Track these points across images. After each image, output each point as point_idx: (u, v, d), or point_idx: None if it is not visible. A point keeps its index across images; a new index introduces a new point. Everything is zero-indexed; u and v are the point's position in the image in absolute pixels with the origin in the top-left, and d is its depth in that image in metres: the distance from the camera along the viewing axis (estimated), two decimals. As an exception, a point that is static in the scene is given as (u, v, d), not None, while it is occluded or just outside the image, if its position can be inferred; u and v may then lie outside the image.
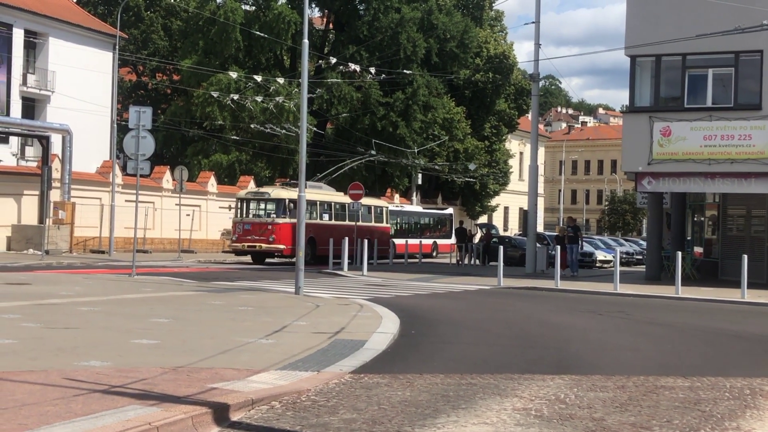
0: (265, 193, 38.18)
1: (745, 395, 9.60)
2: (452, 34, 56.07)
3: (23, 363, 9.39)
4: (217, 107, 47.26)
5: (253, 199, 38.09)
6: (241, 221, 37.31)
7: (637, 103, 29.89)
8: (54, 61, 47.60)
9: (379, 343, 12.19)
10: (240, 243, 37.12)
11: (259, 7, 52.80)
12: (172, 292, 19.98)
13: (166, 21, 61.82)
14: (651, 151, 28.82)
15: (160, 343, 11.27)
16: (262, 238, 36.41)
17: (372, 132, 51.21)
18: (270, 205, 37.65)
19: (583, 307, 20.36)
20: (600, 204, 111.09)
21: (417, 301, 20.34)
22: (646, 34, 28.66)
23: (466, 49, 58.31)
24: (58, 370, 9.00)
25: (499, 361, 11.69)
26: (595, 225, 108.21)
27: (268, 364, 9.89)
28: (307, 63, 21.74)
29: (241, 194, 39.00)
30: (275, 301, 18.13)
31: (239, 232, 37.07)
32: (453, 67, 57.79)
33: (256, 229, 36.67)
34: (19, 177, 39.79)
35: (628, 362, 11.99)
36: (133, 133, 23.40)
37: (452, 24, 56.05)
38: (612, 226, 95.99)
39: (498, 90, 66.84)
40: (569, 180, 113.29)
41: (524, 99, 69.38)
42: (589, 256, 44.06)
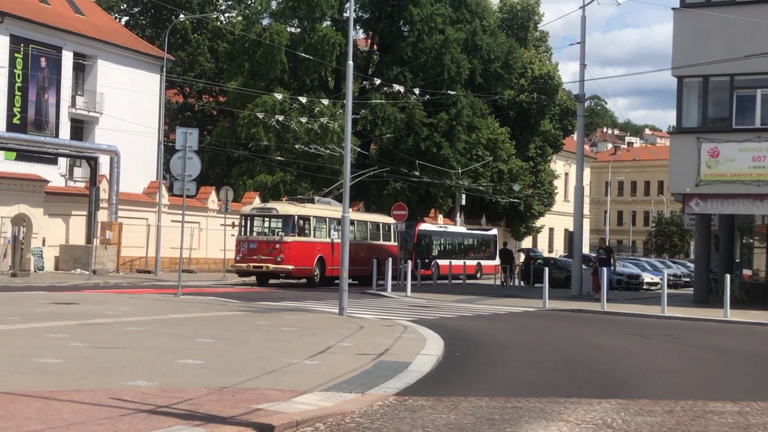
0: (271, 209, 36.01)
1: (796, 421, 9.42)
2: (496, 55, 56.00)
3: (71, 382, 9.50)
4: (263, 128, 47.50)
5: (259, 216, 35.90)
6: (246, 239, 34.99)
7: (685, 124, 29.62)
8: (102, 83, 48.21)
9: (424, 365, 12.15)
10: (245, 263, 34.66)
11: (304, 29, 53.13)
12: (217, 312, 20.11)
13: (212, 43, 62.49)
14: (699, 173, 28.52)
15: (205, 364, 11.33)
16: (269, 258, 34.12)
17: (416, 152, 51.18)
18: (277, 222, 35.35)
19: (630, 330, 20.16)
20: (647, 225, 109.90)
21: (461, 323, 20.27)
22: (694, 55, 28.43)
23: (511, 70, 58.18)
24: (105, 390, 9.08)
25: (545, 384, 11.59)
26: (642, 247, 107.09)
27: (313, 386, 9.90)
28: (352, 84, 21.84)
29: (245, 210, 36.73)
30: (319, 322, 18.16)
31: (243, 251, 34.72)
32: (497, 87, 57.69)
33: (262, 248, 34.41)
34: (68, 197, 40.36)
35: (675, 386, 11.83)
36: (179, 154, 23.64)
37: (496, 45, 55.98)
38: (659, 247, 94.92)
39: (543, 110, 66.63)
40: (615, 201, 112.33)
41: (569, 119, 69.08)
42: (636, 278, 43.64)
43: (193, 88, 62.71)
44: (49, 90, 45.96)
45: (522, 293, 34.67)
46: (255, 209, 36.45)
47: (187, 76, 59.00)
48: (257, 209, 36.45)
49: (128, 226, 41.13)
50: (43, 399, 8.45)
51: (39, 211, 37.99)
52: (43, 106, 45.51)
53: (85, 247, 38.10)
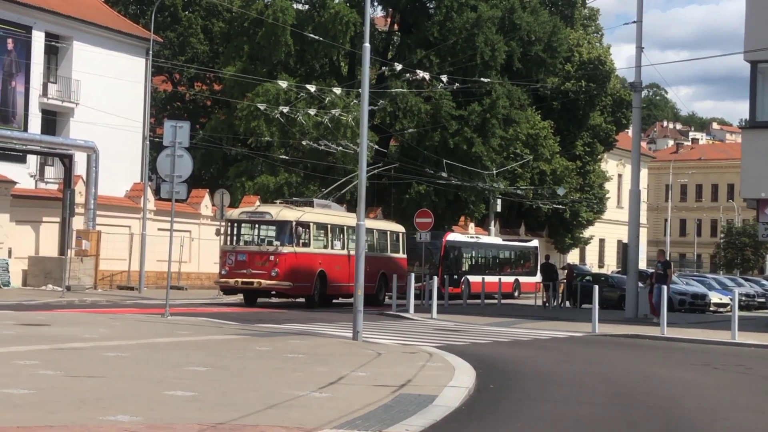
0: (265, 213, 34.64)
1: None
2: (538, 36, 55.94)
3: (41, 417, 9.55)
4: (264, 121, 47.59)
5: (249, 221, 34.62)
6: (234, 250, 33.71)
7: (759, 117, 29.54)
8: (79, 68, 48.38)
9: (452, 399, 12.14)
10: (232, 278, 33.31)
11: (313, 6, 53.22)
12: (212, 335, 20.16)
13: (206, 22, 62.72)
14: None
15: (197, 396, 11.37)
16: (262, 272, 32.81)
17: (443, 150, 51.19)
18: (271, 229, 34.26)
19: (695, 360, 20.11)
20: (714, 236, 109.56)
21: (496, 350, 20.24)
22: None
23: (555, 54, 58.10)
24: (81, 426, 9.13)
25: (595, 422, 11.57)
26: (709, 261, 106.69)
27: (322, 422, 9.91)
28: (369, 70, 21.87)
29: (232, 215, 35.51)
30: (330, 348, 18.18)
31: (230, 264, 33.43)
32: (539, 74, 57.61)
33: (253, 260, 33.17)
34: (38, 201, 40.54)
35: (748, 426, 11.83)
36: (168, 152, 23.74)
37: (538, 24, 55.94)
38: (729, 262, 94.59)
39: (592, 101, 66.52)
40: (677, 208, 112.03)
41: (623, 112, 68.97)
42: (702, 298, 43.52)
43: (183, 75, 62.96)
44: (17, 76, 46.25)
45: (567, 315, 34.62)
46: (245, 213, 35.29)
47: (177, 60, 59.21)
48: (247, 213, 35.25)
49: (108, 235, 41.29)
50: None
51: (4, 217, 38.20)
52: (10, 95, 45.83)
53: (58, 260, 38.26)
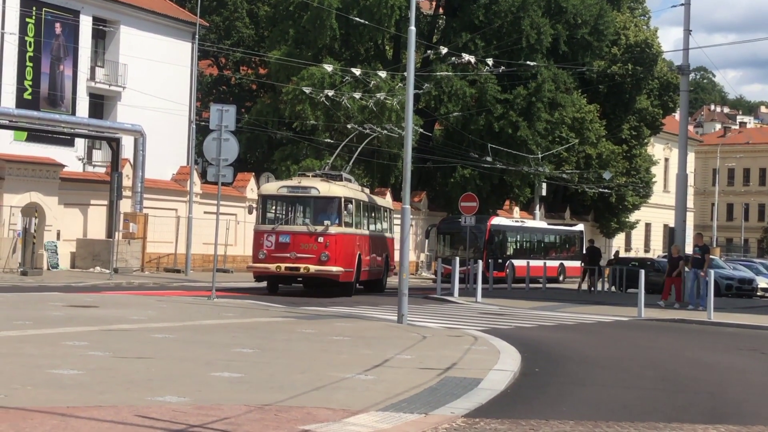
0: (310, 188, 30.58)
1: None
2: (584, 19, 55.55)
3: (91, 397, 9.63)
4: (309, 105, 47.63)
5: (290, 197, 30.76)
6: (273, 230, 29.77)
7: (809, 101, 29.13)
8: (125, 53, 48.62)
9: (497, 383, 12.12)
10: (271, 263, 29.43)
11: (358, -11, 53.15)
12: (258, 318, 20.27)
13: (252, 6, 62.87)
14: (825, 158, 28.07)
15: (244, 377, 11.43)
16: (309, 256, 29.19)
17: (488, 134, 51.04)
18: (317, 206, 30.46)
19: (742, 345, 19.95)
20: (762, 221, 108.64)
21: (541, 334, 20.19)
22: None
23: (601, 37, 57.66)
24: (130, 406, 9.20)
25: (641, 406, 11.51)
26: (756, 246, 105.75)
27: (368, 404, 9.93)
28: (414, 54, 21.82)
29: (268, 189, 31.94)
30: (375, 331, 18.21)
31: (269, 246, 29.54)
32: (585, 57, 57.23)
33: (298, 242, 29.39)
34: (86, 185, 40.90)
35: (797, 411, 11.70)
36: (214, 135, 23.85)
37: (584, 7, 55.53)
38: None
39: (639, 85, 66.01)
40: (724, 192, 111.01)
41: (670, 95, 68.38)
42: (749, 283, 43.13)
43: (229, 59, 63.15)
44: (65, 61, 46.58)
45: (613, 300, 34.44)
46: (285, 188, 30.91)
47: (223, 44, 59.43)
48: (289, 188, 30.83)
49: (155, 218, 41.59)
50: (59, 416, 8.57)
51: (53, 200, 38.52)
52: (58, 80, 46.16)
53: (106, 242, 38.58)
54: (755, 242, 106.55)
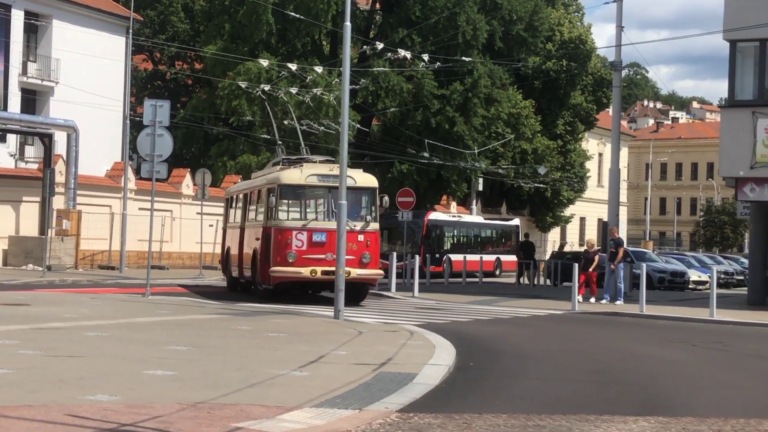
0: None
1: None
2: (519, 15, 55.92)
3: (21, 396, 9.52)
4: (246, 100, 47.47)
5: (321, 187, 25.55)
6: (304, 227, 24.89)
7: (738, 96, 29.65)
8: (58, 47, 48.11)
9: (432, 377, 12.18)
10: (303, 266, 24.51)
11: (295, -16, 53.03)
12: (193, 315, 20.13)
13: (187, 1, 62.42)
14: (754, 153, 28.55)
15: (177, 375, 11.36)
16: (350, 258, 23.43)
17: (425, 129, 51.18)
18: (352, 198, 24.42)
19: (674, 337, 20.22)
20: (694, 215, 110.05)
21: (477, 328, 20.30)
22: (750, 15, 28.42)
23: (536, 33, 58.09)
24: (60, 405, 9.10)
25: (574, 399, 11.63)
26: (688, 239, 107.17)
27: (302, 401, 9.92)
28: (350, 49, 21.81)
29: (293, 177, 25.70)
30: (311, 327, 18.19)
31: (298, 246, 24.63)
32: (520, 53, 57.58)
33: (334, 241, 22.70)
34: (18, 181, 40.34)
35: (726, 402, 11.90)
36: (148, 131, 23.64)
37: (519, 3, 55.88)
38: (708, 241, 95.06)
39: (573, 80, 66.56)
40: (657, 186, 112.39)
41: (604, 91, 69.01)
42: (681, 276, 43.72)
43: (164, 54, 62.65)
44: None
45: (548, 294, 34.72)
46: (315, 176, 25.44)
47: (158, 39, 58.95)
48: (319, 176, 25.43)
49: (88, 215, 41.14)
50: (-12, 415, 8.47)
51: (-16, 197, 38.02)
52: (-11, 75, 45.47)
53: (38, 239, 38.10)
54: (687, 236, 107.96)
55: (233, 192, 33.21)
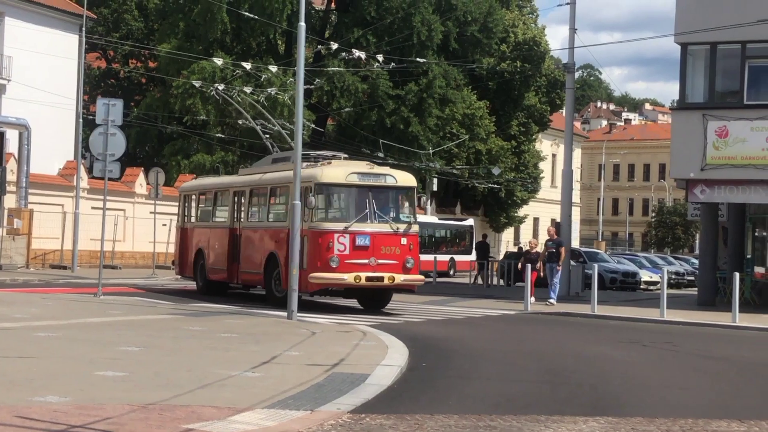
0: (384, 176, 23.98)
1: (811, 443, 9.59)
2: (474, 17, 56.12)
3: (-31, 398, 9.43)
4: (200, 99, 47.27)
5: (362, 187, 23.35)
6: (346, 230, 22.72)
7: (689, 99, 29.94)
8: (10, 44, 47.60)
9: (384, 378, 12.19)
10: (346, 271, 22.49)
11: (249, -17, 52.92)
12: (145, 315, 20.01)
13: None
14: (705, 155, 28.81)
15: (128, 376, 11.30)
16: (393, 263, 22.74)
17: (380, 130, 51.22)
18: (392, 199, 23.95)
19: (624, 337, 20.33)
20: (646, 215, 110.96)
21: (430, 329, 20.32)
22: (701, 19, 28.68)
23: (491, 34, 58.29)
24: (9, 407, 9.02)
25: (525, 399, 11.69)
26: (640, 240, 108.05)
27: (254, 402, 9.90)
28: (304, 49, 21.82)
29: (333, 175, 23.47)
30: (264, 327, 18.14)
31: (341, 250, 22.55)
32: (475, 54, 57.76)
33: (379, 244, 22.72)
34: (-31, 179, 39.90)
35: (675, 402, 11.99)
36: (100, 130, 23.48)
37: (474, 4, 56.10)
38: (659, 241, 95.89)
39: (527, 82, 66.86)
40: (610, 187, 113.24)
41: (558, 92, 69.37)
42: (632, 276, 44.05)
43: (117, 52, 62.19)
44: (-53, 52, 45.40)
45: (501, 294, 34.86)
46: (356, 174, 23.50)
47: (111, 37, 58.53)
48: (360, 175, 23.54)
49: (40, 214, 40.77)
50: (-64, 418, 8.38)
51: (-66, 196, 37.55)
52: (-60, 72, 44.97)
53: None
54: (639, 236, 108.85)
55: (205, 188, 30.50)
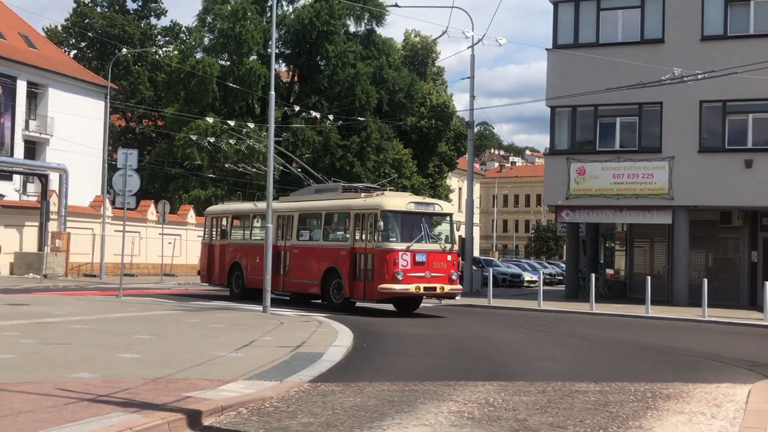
0: (432, 204, 22.39)
1: (647, 398, 9.72)
2: (400, 87, 56.38)
3: (21, 375, 9.25)
4: (196, 149, 47.03)
5: (417, 214, 21.56)
6: (408, 249, 20.83)
7: (557, 147, 30.32)
8: (53, 108, 47.10)
9: (335, 356, 12.15)
10: (409, 283, 20.74)
11: (233, 62, 52.80)
12: (155, 311, 19.76)
13: (151, 74, 61.51)
14: (569, 188, 29.20)
15: (142, 357, 11.15)
16: (441, 276, 21.29)
17: (332, 170, 51.15)
18: (437, 223, 22.33)
19: (512, 322, 20.47)
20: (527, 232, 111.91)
21: (370, 318, 20.28)
22: (564, 88, 29.12)
23: (413, 100, 58.62)
24: (52, 382, 8.87)
25: (439, 370, 11.71)
26: (524, 250, 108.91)
27: (237, 375, 9.82)
28: (274, 111, 21.76)
29: (395, 204, 21.52)
30: (245, 319, 17.98)
31: (404, 265, 20.75)
32: (401, 114, 58.03)
33: (432, 260, 21.22)
34: (21, 210, 39.16)
35: (548, 370, 12.08)
36: (121, 172, 23.21)
37: (400, 78, 56.37)
38: (537, 251, 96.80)
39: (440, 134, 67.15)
40: (501, 211, 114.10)
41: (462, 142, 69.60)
42: (518, 277, 44.36)
43: (134, 113, 61.57)
44: (5, 115, 44.72)
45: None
46: (413, 203, 21.80)
47: (129, 102, 57.92)
48: (416, 204, 21.87)
49: (76, 236, 40.04)
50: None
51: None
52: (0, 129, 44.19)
53: (37, 254, 37.00)
54: (523, 247, 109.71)
55: (239, 212, 28.15)
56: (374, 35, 57.13)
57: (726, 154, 27.38)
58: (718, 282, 29.09)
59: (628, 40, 28.95)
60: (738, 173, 26.95)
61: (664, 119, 28.12)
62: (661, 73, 25.54)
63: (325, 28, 52.52)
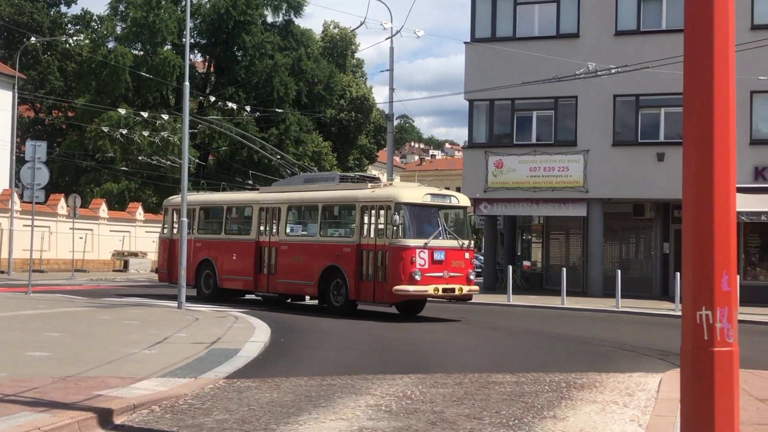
0: (449, 196, 20.14)
1: (561, 388, 9.94)
2: (319, 79, 56.23)
3: None
4: (108, 141, 46.09)
5: (435, 206, 19.42)
6: (426, 246, 18.57)
7: (475, 140, 30.70)
8: (-44, 98, 45.40)
9: (252, 351, 12.08)
10: (427, 284, 18.48)
11: (146, 52, 51.88)
12: (65, 308, 19.28)
13: (62, 63, 59.82)
14: (486, 181, 29.59)
15: (52, 355, 10.88)
16: (459, 276, 19.05)
17: (249, 163, 50.67)
18: (454, 218, 20.25)
19: (429, 315, 20.55)
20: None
21: (290, 313, 20.19)
22: (482, 82, 29.45)
23: (332, 92, 58.55)
24: (-47, 383, 8.58)
25: (357, 363, 11.75)
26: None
27: (150, 373, 9.68)
28: (189, 102, 21.43)
29: (410, 196, 19.24)
30: (159, 316, 17.69)
31: (422, 264, 18.46)
32: (320, 106, 57.89)
33: (450, 259, 18.93)
34: None
35: (466, 361, 12.24)
36: (29, 165, 22.60)
37: (319, 69, 56.21)
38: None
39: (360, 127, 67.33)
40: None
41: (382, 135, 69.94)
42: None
43: (43, 104, 59.82)
44: None
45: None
46: (430, 195, 19.54)
47: (38, 93, 56.27)
48: (433, 195, 19.63)
49: (-19, 231, 38.81)
50: None
51: None
52: None
53: (-61, 250, 35.73)
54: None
55: (209, 204, 25.28)
56: (292, 26, 56.87)
57: (639, 148, 28.16)
58: (631, 273, 29.89)
59: (544, 34, 29.46)
60: (650, 166, 27.73)
61: (579, 113, 28.74)
62: (576, 67, 26.13)
63: (242, 18, 52.03)
